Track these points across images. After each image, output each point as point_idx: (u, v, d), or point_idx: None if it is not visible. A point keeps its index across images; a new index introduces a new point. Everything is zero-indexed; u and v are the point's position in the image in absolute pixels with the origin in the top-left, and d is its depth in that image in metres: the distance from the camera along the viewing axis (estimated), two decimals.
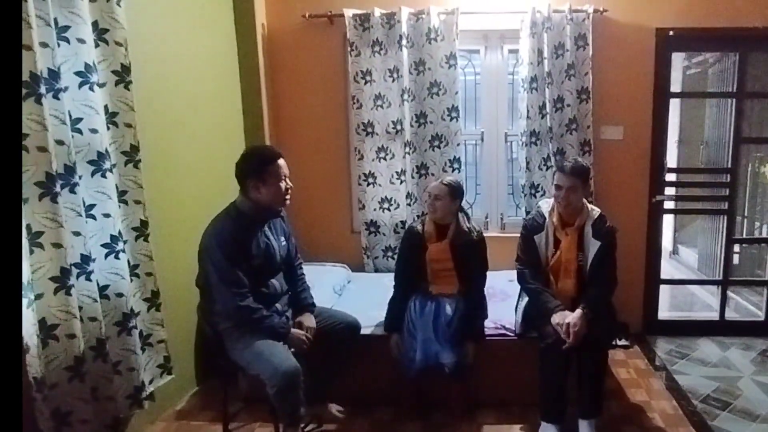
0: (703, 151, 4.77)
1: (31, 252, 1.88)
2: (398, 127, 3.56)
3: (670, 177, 3.69)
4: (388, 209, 3.70)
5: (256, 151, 2.34)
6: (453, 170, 3.51)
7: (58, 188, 1.91)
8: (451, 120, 3.51)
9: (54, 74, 1.93)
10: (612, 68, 3.50)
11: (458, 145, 3.54)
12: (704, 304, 4.29)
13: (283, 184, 2.23)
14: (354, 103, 3.55)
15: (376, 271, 3.74)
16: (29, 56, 1.80)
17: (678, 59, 4.37)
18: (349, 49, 3.49)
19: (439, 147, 3.56)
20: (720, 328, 3.71)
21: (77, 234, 2.03)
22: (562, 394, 2.43)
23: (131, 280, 2.31)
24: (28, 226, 1.86)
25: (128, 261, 2.30)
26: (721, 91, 4.19)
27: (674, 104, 4.16)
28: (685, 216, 4.93)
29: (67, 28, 2.02)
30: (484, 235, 2.69)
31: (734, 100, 3.65)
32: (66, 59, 2.02)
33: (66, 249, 1.94)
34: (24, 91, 1.81)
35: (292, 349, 2.26)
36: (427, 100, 3.52)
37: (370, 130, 3.58)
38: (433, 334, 2.52)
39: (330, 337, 2.45)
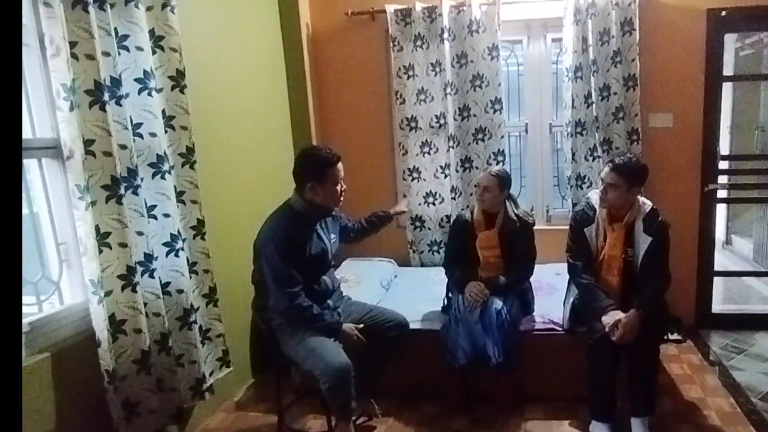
0: (758, 136, 4.58)
1: (100, 251, 1.98)
2: (441, 121, 3.56)
3: (723, 165, 3.55)
4: (433, 204, 3.71)
5: (318, 154, 2.29)
6: (497, 163, 3.47)
7: (122, 190, 2.01)
8: (494, 112, 3.48)
9: (116, 82, 2.02)
10: (660, 53, 3.38)
11: (502, 137, 3.52)
12: (761, 296, 4.13)
13: (338, 187, 2.29)
14: (397, 99, 3.57)
15: (422, 265, 3.76)
16: (93, 65, 1.90)
17: (730, 40, 4.17)
18: (391, 44, 3.51)
19: (482, 140, 3.54)
20: None
21: (140, 234, 2.13)
22: (611, 391, 2.38)
23: (190, 277, 2.40)
24: (97, 227, 1.96)
25: (187, 258, 2.38)
26: None
27: (726, 88, 3.99)
28: (738, 205, 4.75)
29: (126, 37, 2.10)
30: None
31: None
32: (126, 67, 2.11)
33: (131, 248, 2.04)
34: (89, 98, 1.91)
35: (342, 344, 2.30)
36: (470, 93, 3.50)
37: (413, 124, 3.60)
38: (480, 326, 2.54)
39: (379, 335, 2.47)
